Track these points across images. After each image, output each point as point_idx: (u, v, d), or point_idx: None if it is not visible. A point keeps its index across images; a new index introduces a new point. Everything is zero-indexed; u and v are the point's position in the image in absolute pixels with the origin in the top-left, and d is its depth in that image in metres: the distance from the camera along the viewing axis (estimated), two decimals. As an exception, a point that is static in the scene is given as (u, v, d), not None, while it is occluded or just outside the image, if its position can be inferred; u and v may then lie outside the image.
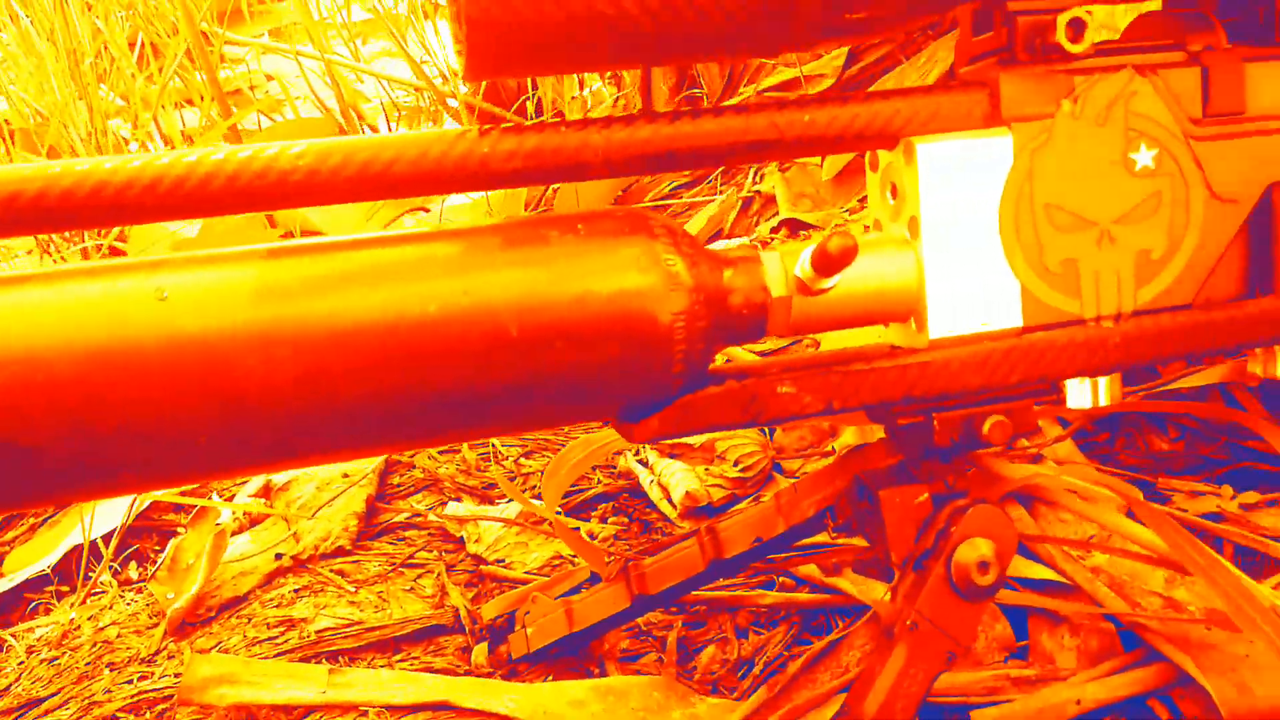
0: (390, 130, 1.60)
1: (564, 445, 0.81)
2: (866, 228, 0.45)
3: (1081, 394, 0.43)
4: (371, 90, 1.72)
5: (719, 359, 0.40)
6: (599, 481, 0.72)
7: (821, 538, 0.54)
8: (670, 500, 0.68)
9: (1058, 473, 0.55)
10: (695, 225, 1.08)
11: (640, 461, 0.74)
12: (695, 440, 0.74)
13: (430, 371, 0.34)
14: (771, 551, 0.49)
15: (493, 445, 0.74)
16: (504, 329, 0.34)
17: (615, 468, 0.74)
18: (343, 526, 0.66)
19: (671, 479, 0.70)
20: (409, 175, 0.36)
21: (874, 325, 0.42)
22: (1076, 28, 0.39)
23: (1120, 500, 0.51)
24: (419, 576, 0.61)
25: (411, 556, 0.63)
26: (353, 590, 0.61)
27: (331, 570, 0.63)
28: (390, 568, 0.62)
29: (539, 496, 0.73)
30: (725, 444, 0.72)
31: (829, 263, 0.36)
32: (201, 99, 1.54)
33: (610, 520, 0.68)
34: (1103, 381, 0.43)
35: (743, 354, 0.78)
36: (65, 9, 1.48)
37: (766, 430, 0.74)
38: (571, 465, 0.59)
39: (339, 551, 0.64)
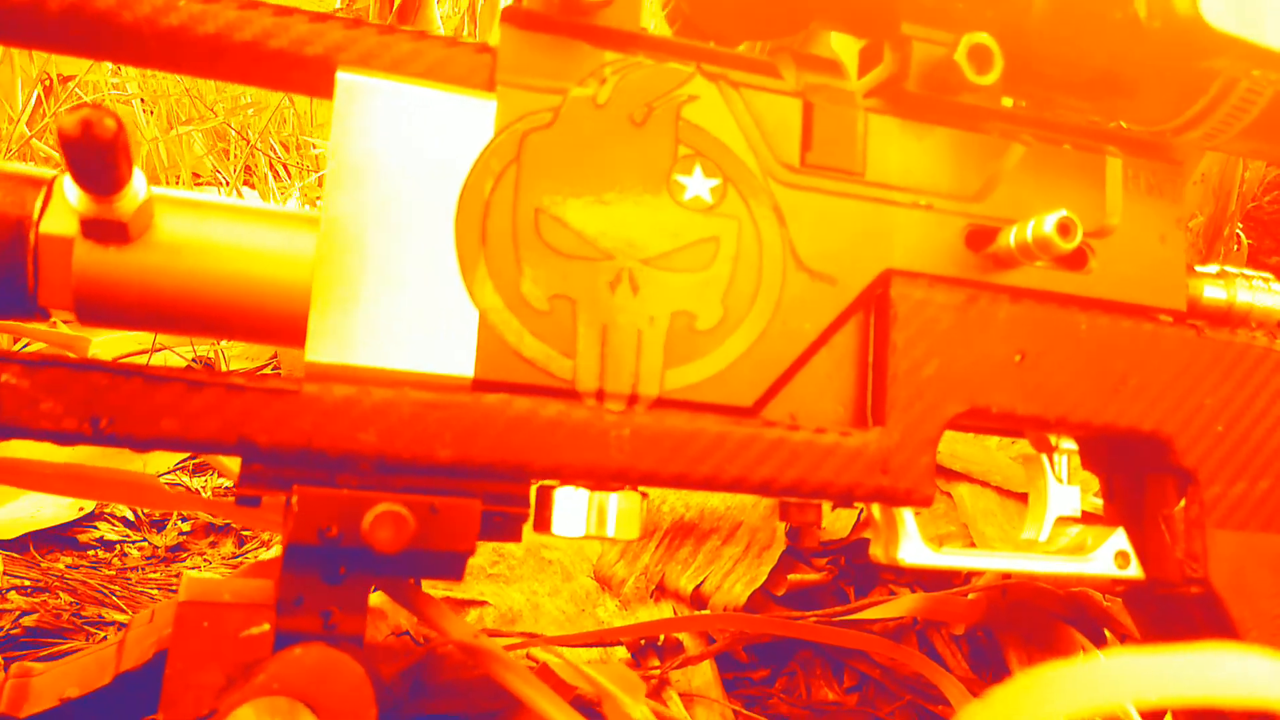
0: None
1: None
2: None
3: (573, 513, 0.28)
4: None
5: None
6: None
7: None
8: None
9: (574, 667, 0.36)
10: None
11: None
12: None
13: None
14: (90, 712, 0.30)
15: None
16: None
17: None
18: None
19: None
20: None
21: (243, 338, 0.27)
22: (598, -30, 0.28)
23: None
24: None
25: None
26: None
27: None
28: None
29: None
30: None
31: (70, 149, 0.22)
32: None
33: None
34: (613, 501, 0.28)
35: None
36: None
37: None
38: None
39: None
